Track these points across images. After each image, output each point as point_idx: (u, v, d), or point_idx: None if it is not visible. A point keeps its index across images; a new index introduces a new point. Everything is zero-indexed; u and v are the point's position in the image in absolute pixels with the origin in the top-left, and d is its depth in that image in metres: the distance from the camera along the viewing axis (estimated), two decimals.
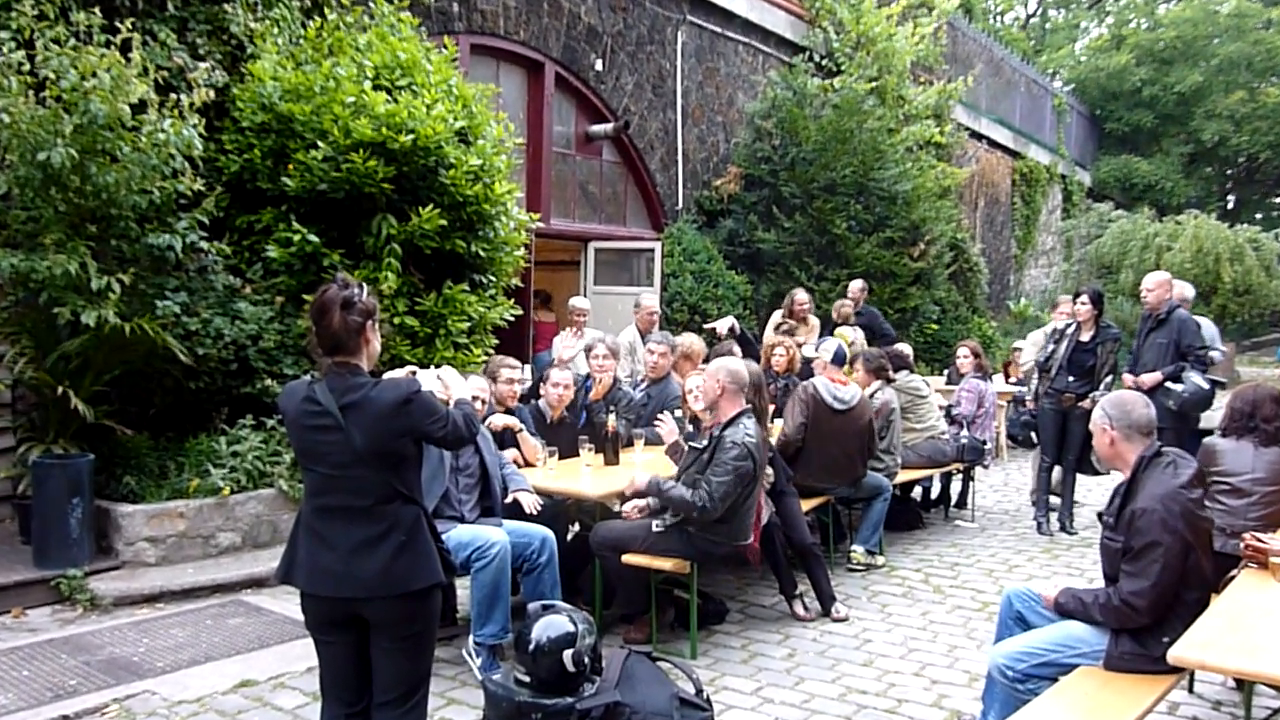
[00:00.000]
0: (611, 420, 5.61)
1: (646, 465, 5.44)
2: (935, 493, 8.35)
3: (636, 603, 4.87)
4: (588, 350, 6.29)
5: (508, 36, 9.74)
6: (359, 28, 7.05)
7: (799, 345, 8.25)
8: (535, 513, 4.80)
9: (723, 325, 6.29)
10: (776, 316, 9.39)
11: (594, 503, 5.14)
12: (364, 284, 2.88)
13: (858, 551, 6.33)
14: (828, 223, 11.88)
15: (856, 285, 10.28)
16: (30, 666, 4.39)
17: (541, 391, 5.89)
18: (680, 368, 6.61)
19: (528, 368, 8.85)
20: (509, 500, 4.86)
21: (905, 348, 7.86)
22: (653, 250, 11.16)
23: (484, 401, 4.96)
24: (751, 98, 12.81)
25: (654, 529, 4.64)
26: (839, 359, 6.32)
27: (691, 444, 4.84)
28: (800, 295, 9.35)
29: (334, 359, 2.80)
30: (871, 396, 6.62)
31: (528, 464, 5.44)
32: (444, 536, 3.21)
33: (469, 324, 6.63)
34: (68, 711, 3.96)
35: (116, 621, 4.94)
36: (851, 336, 8.93)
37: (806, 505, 5.82)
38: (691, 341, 6.78)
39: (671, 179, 12.15)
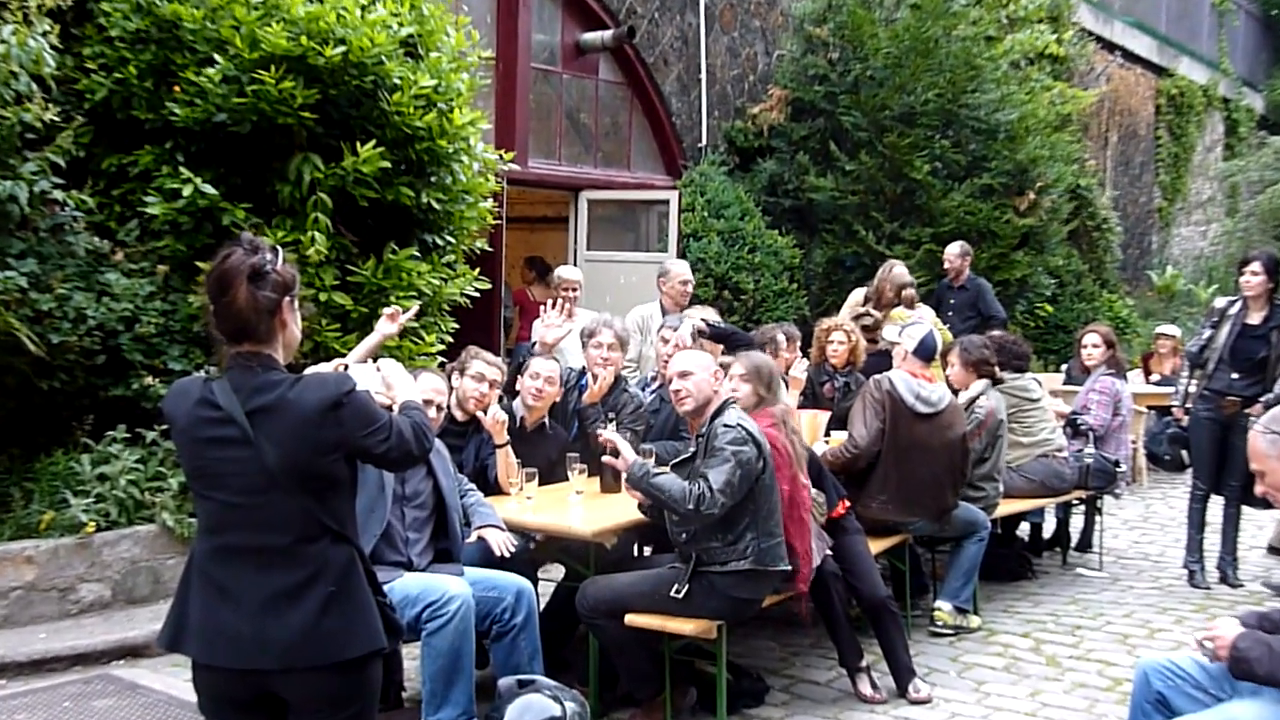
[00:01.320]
0: (612, 431, 5.62)
1: None
2: (1049, 530, 8.39)
3: (645, 680, 4.90)
4: (587, 336, 6.32)
5: None
6: None
7: (877, 326, 8.27)
8: (506, 556, 4.82)
9: (682, 337, 6.16)
10: (857, 299, 9.29)
11: (586, 545, 5.15)
12: (278, 248, 2.87)
13: (944, 609, 6.36)
14: (904, 165, 11.89)
15: (955, 250, 10.29)
16: None
17: (517, 386, 5.94)
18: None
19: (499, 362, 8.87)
20: (472, 540, 4.88)
21: (1014, 339, 7.85)
22: (667, 203, 11.19)
23: (440, 407, 4.98)
24: None
25: (672, 594, 4.70)
26: (926, 349, 6.33)
27: (671, 461, 4.96)
28: (900, 272, 9.01)
29: (239, 348, 2.83)
30: (971, 405, 6.65)
31: (495, 490, 5.46)
32: (386, 588, 3.22)
33: (419, 301, 6.66)
34: None
35: None
36: (914, 317, 8.94)
37: (876, 546, 5.84)
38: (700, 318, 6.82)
39: (692, 106, 12.17)
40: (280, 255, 2.88)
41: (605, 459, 5.01)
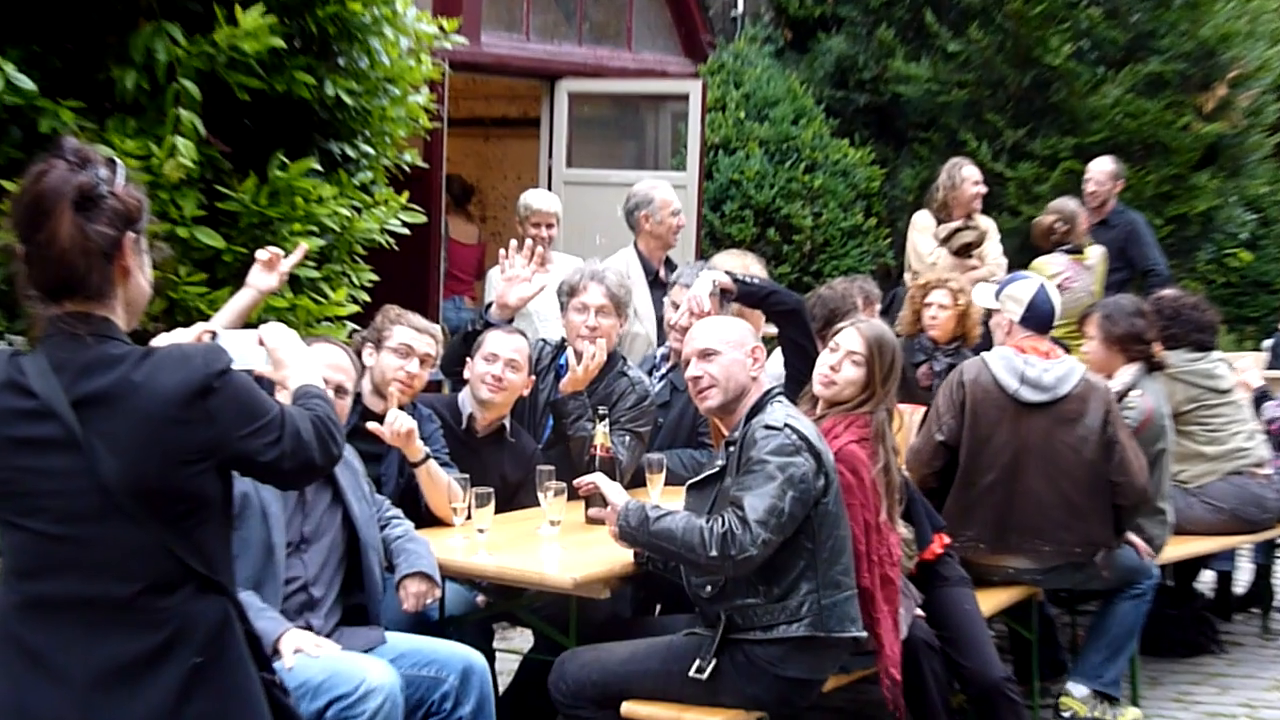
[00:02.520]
0: (602, 434, 5.63)
1: None
2: (1243, 583, 8.40)
3: None
4: (566, 294, 6.33)
5: None
6: None
7: (980, 241, 8.26)
8: (424, 607, 4.85)
9: (700, 291, 6.02)
10: (923, 222, 9.42)
11: (564, 600, 5.15)
12: (117, 161, 2.91)
13: (1076, 695, 6.39)
14: (1034, 45, 11.88)
15: (1102, 168, 10.29)
16: None
17: (466, 372, 5.94)
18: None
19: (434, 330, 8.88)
20: (400, 592, 4.89)
21: (1194, 301, 7.79)
22: (685, 98, 11.16)
23: (343, 391, 5.00)
24: None
25: (692, 674, 4.70)
26: (1040, 315, 6.34)
27: (693, 479, 4.98)
28: (968, 170, 9.39)
29: (59, 308, 2.86)
30: (1123, 397, 6.67)
31: (431, 519, 5.47)
32: (275, 669, 3.23)
33: (322, 239, 6.65)
34: None
35: None
36: (1061, 269, 8.96)
37: (989, 603, 5.86)
38: (740, 267, 6.79)
39: None
40: (121, 171, 2.90)
41: (591, 512, 4.99)
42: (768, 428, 4.67)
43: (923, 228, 9.31)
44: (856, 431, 5.05)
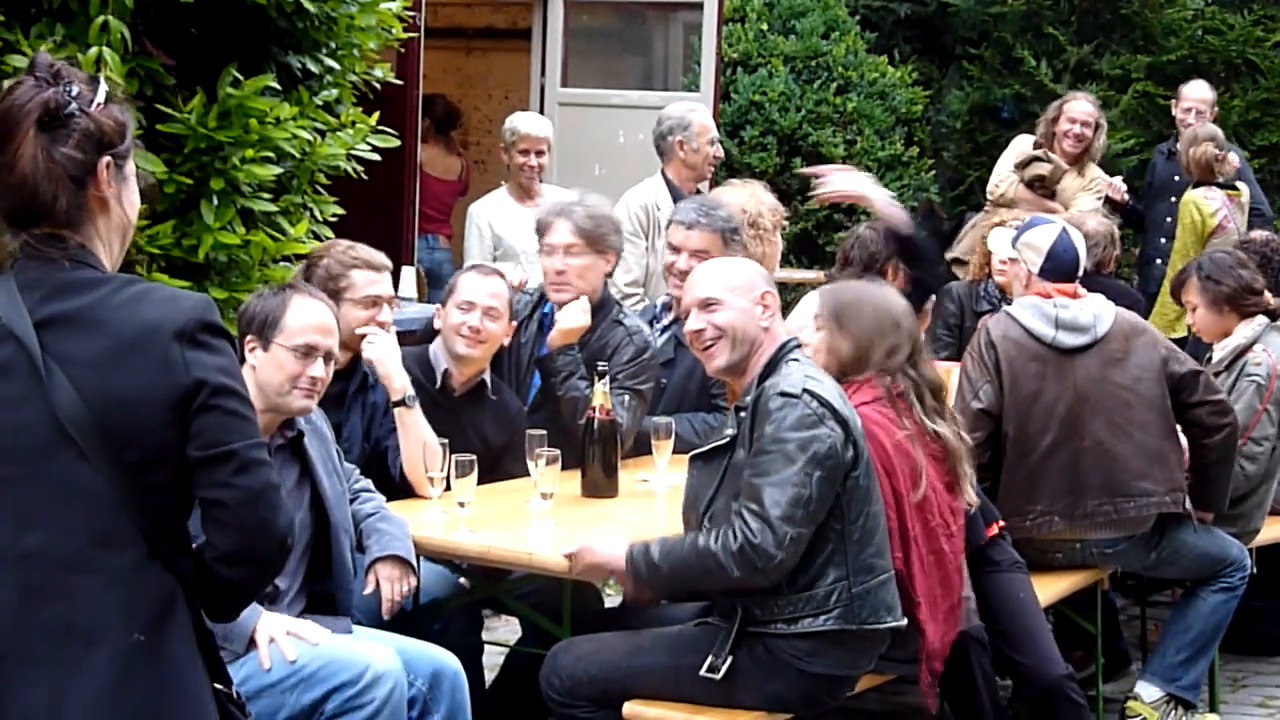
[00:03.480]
0: (601, 394, 5.64)
1: (671, 499, 5.43)
2: None
3: None
4: (538, 235, 6.35)
5: None
6: None
7: (1057, 178, 8.29)
8: (400, 605, 4.86)
9: (855, 189, 6.11)
10: (1017, 145, 9.47)
11: (558, 585, 5.17)
12: (98, 78, 2.95)
13: (1146, 698, 6.40)
14: None
15: (1197, 92, 10.22)
16: None
17: (437, 321, 5.96)
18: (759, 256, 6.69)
19: (408, 273, 8.88)
20: (370, 587, 4.91)
21: None
22: (699, 7, 11.12)
23: (335, 358, 4.96)
24: None
25: (705, 673, 4.68)
26: (1062, 264, 6.33)
27: (699, 450, 4.95)
28: (1073, 105, 9.50)
29: (30, 232, 2.91)
30: (1237, 361, 6.70)
31: (404, 488, 5.50)
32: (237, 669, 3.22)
33: (279, 167, 6.62)
34: None
35: None
36: (1219, 207, 8.99)
37: (1046, 590, 5.88)
38: (747, 199, 6.80)
39: None
40: (103, 90, 2.94)
41: (583, 557, 4.93)
42: (783, 395, 4.61)
43: (1013, 151, 9.37)
44: (869, 392, 5.02)
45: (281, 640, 4.37)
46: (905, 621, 4.83)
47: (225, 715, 2.93)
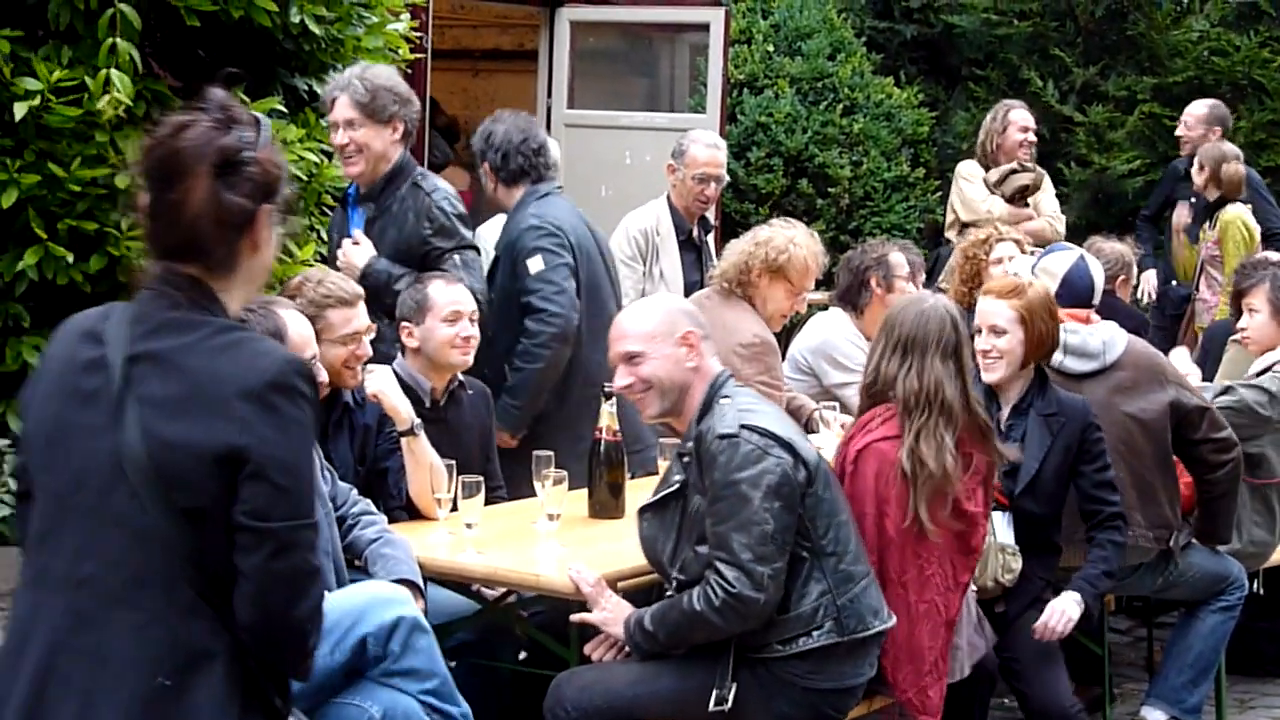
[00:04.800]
0: (608, 415, 5.66)
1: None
2: None
3: None
4: (324, 110, 6.38)
5: None
6: None
7: (1037, 186, 8.28)
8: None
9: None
10: (970, 170, 9.46)
11: (564, 607, 5.13)
12: (262, 119, 3.00)
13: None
14: None
15: (1199, 111, 10.21)
16: None
17: (412, 342, 5.88)
18: (764, 297, 6.72)
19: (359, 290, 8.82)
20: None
21: None
22: (706, 28, 11.13)
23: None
24: None
25: (713, 707, 4.67)
26: (1079, 289, 6.33)
27: (648, 501, 4.92)
28: (1016, 114, 9.52)
29: (170, 266, 2.96)
30: (1266, 371, 6.70)
31: (411, 510, 5.52)
32: None
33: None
34: None
35: None
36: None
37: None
38: (777, 240, 6.78)
39: None
40: (266, 132, 2.99)
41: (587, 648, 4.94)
42: (722, 437, 4.58)
43: (970, 175, 9.35)
44: (893, 427, 4.99)
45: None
46: (895, 620, 4.81)
47: None
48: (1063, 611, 5.50)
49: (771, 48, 11.40)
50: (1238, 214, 9.14)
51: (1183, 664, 6.37)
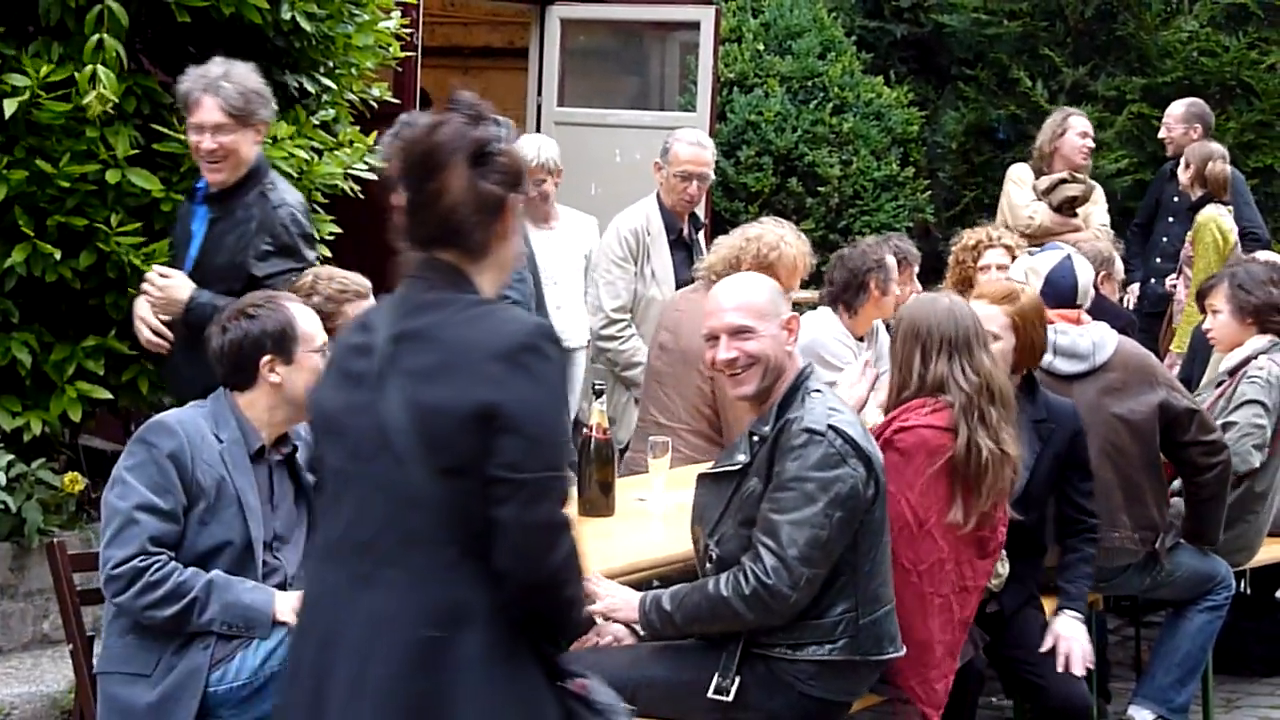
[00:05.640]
0: (599, 413, 5.67)
1: (669, 518, 5.46)
2: None
3: None
4: (188, 108, 5.98)
5: None
6: None
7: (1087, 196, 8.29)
8: None
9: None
10: (1020, 174, 9.42)
11: None
12: (504, 119, 3.30)
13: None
14: None
15: (1179, 111, 10.21)
16: None
17: None
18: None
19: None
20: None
21: None
22: (696, 26, 11.12)
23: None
24: None
25: (712, 694, 4.65)
26: (1062, 289, 6.34)
27: (708, 470, 4.91)
28: (1076, 119, 9.45)
29: (432, 254, 3.24)
30: (1239, 370, 6.73)
31: None
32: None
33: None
34: None
35: None
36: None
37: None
38: (768, 236, 6.77)
39: None
40: (511, 131, 3.37)
41: (603, 621, 4.89)
42: (808, 431, 4.54)
43: (1019, 179, 9.26)
44: (943, 417, 4.99)
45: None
46: (905, 650, 4.80)
47: (570, 713, 3.24)
48: (1073, 639, 5.54)
49: (762, 46, 11.38)
50: (1212, 216, 9.12)
51: (1170, 663, 6.37)
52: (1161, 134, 10.18)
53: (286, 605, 4.43)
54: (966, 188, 12.05)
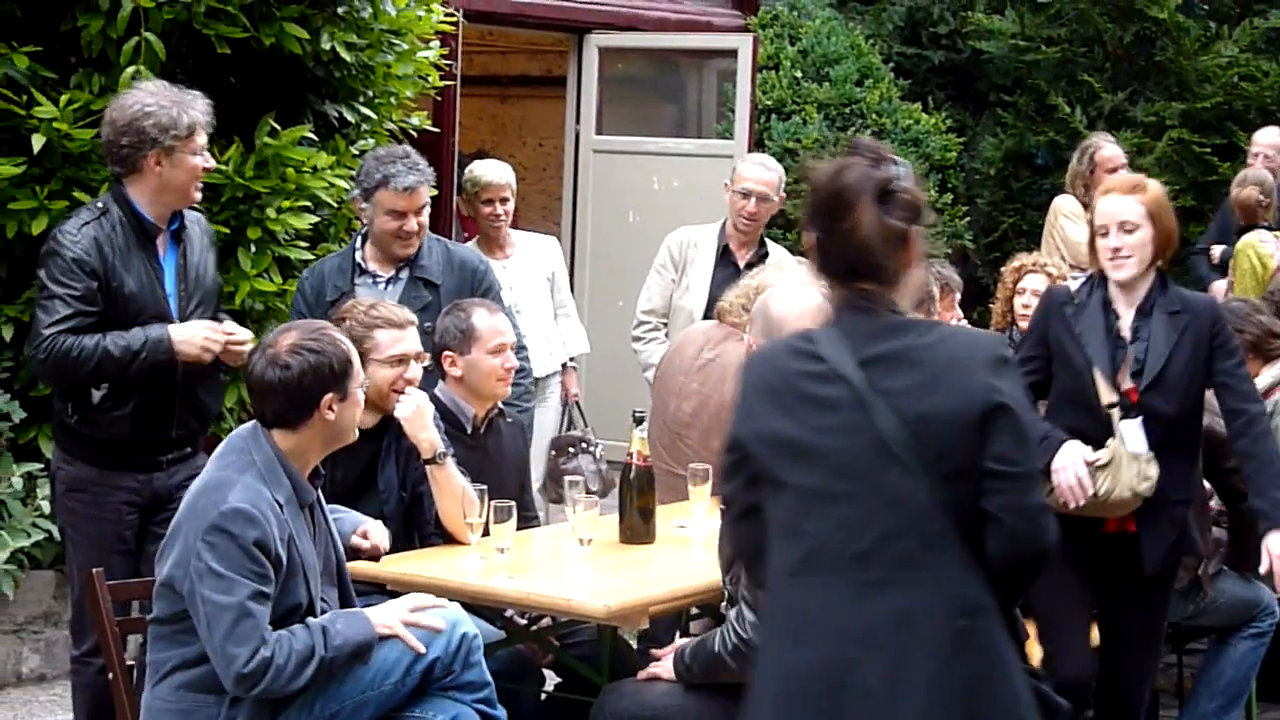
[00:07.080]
0: (639, 440, 5.64)
1: (709, 545, 5.37)
2: None
3: None
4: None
5: None
6: None
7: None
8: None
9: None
10: (1070, 207, 9.33)
11: (595, 632, 5.16)
12: (901, 160, 3.48)
13: None
14: None
15: (1265, 137, 10.07)
16: None
17: (455, 370, 5.88)
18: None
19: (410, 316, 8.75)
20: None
21: None
22: (734, 54, 11.13)
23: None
24: None
25: None
26: None
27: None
28: (1106, 151, 9.35)
29: (851, 287, 3.46)
30: (1270, 400, 6.59)
31: (445, 535, 5.51)
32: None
33: (316, 215, 6.63)
34: None
35: None
36: (1274, 250, 8.91)
37: None
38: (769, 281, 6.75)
39: None
40: (908, 170, 3.48)
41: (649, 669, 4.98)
42: None
43: (1072, 214, 9.17)
44: None
45: (418, 620, 4.62)
46: None
47: (1038, 694, 3.45)
48: None
49: (799, 73, 11.37)
50: (1250, 242, 9.08)
51: (1214, 691, 6.36)
52: (1249, 160, 10.08)
53: (386, 620, 4.57)
54: (1005, 214, 12.01)
